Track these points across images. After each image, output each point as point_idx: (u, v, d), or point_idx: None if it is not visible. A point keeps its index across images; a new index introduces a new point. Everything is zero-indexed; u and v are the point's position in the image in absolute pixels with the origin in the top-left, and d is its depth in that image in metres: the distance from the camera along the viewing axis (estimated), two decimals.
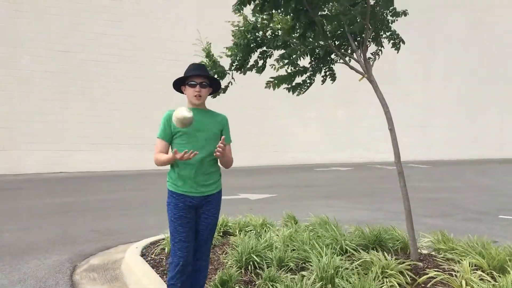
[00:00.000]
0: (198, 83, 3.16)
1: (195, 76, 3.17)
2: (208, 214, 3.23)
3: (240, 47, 4.46)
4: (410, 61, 19.69)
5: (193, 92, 3.17)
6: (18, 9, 13.95)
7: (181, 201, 3.15)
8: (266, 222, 5.62)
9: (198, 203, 3.19)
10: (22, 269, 4.80)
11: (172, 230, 3.17)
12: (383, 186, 12.07)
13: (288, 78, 4.75)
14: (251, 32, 4.43)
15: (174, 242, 3.16)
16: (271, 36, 4.51)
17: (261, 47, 4.56)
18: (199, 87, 3.16)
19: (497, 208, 8.97)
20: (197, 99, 3.18)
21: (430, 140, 21.77)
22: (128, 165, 15.08)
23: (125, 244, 5.73)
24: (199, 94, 3.17)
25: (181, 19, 16.24)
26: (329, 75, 4.89)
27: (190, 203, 3.17)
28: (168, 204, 3.21)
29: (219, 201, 3.31)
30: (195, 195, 3.16)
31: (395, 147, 4.36)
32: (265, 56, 4.69)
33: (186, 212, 3.15)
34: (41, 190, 10.84)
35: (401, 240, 4.73)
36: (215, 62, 4.48)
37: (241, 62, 4.57)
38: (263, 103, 17.26)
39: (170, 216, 3.18)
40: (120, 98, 15.31)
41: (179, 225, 3.14)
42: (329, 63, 4.81)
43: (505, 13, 23.11)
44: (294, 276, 3.74)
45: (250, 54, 4.57)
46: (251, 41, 4.44)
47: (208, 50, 4.46)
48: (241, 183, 11.67)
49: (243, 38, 4.42)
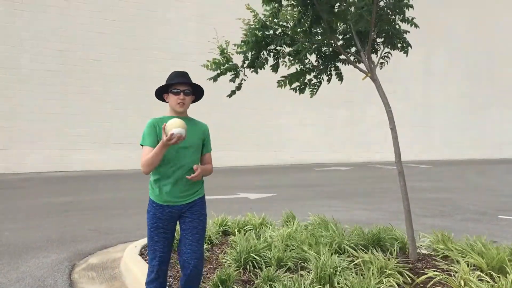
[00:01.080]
0: (182, 91, 3.15)
1: (178, 84, 3.16)
2: (192, 217, 3.20)
3: (249, 45, 4.46)
4: (410, 60, 19.66)
5: (176, 99, 3.15)
6: (17, 8, 13.95)
7: (160, 211, 3.16)
8: (266, 222, 5.62)
9: (179, 211, 3.19)
10: (20, 268, 4.80)
11: (148, 237, 3.24)
12: (383, 186, 12.07)
13: (297, 76, 4.75)
14: (261, 30, 4.43)
15: (150, 249, 3.25)
16: (280, 34, 4.51)
17: (270, 45, 4.56)
18: (182, 95, 3.15)
19: (497, 208, 8.97)
20: (181, 107, 3.16)
21: (429, 140, 21.77)
22: (127, 165, 15.08)
23: (124, 243, 5.73)
24: (183, 102, 3.15)
25: (181, 19, 16.23)
26: (336, 75, 4.90)
27: (170, 214, 3.16)
28: (148, 212, 3.23)
29: (203, 205, 3.29)
30: (176, 204, 3.16)
31: (396, 146, 4.36)
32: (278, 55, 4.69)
33: (163, 223, 3.17)
34: (40, 189, 10.84)
35: (400, 240, 4.72)
36: (228, 59, 4.49)
37: (252, 59, 4.58)
38: (262, 103, 17.26)
39: (148, 224, 3.23)
40: (119, 97, 15.31)
41: (155, 235, 3.19)
42: (335, 62, 4.81)
43: (506, 13, 23.10)
44: (292, 276, 3.74)
45: (260, 52, 4.57)
46: (260, 38, 4.44)
47: (222, 48, 4.47)
48: (240, 182, 11.66)
49: (252, 35, 4.42)
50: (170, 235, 3.24)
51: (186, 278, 3.21)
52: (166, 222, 3.18)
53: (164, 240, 3.20)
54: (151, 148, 3.06)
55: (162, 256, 3.22)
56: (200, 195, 3.28)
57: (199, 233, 3.24)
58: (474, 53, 22.48)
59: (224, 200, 9.06)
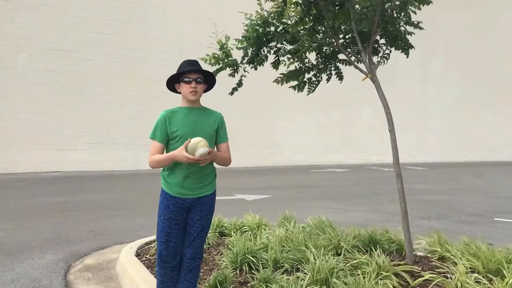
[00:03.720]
0: (194, 79, 3.10)
1: (189, 72, 3.11)
2: (201, 215, 3.20)
3: (250, 41, 4.45)
4: (407, 63, 19.70)
5: (188, 88, 3.10)
6: (14, 8, 13.89)
7: (172, 202, 3.13)
8: (262, 223, 5.61)
9: (190, 204, 3.16)
10: (16, 268, 4.77)
11: (159, 229, 3.18)
12: (379, 187, 12.09)
13: (296, 74, 4.74)
14: (262, 26, 4.42)
15: (161, 241, 3.17)
16: (282, 31, 4.50)
17: (271, 42, 4.55)
18: (194, 83, 3.10)
19: (493, 210, 9.00)
20: (193, 95, 3.11)
21: (426, 142, 21.81)
22: (123, 165, 15.04)
23: (120, 244, 5.71)
24: (195, 90, 3.10)
25: (177, 19, 16.21)
26: (336, 74, 4.89)
27: (182, 205, 3.14)
28: (160, 202, 3.19)
29: (213, 202, 3.27)
30: (188, 197, 3.13)
31: (394, 148, 4.34)
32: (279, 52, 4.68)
33: (176, 214, 3.14)
34: (36, 190, 10.79)
35: (396, 242, 4.73)
36: (228, 54, 4.48)
37: (252, 56, 4.57)
38: (259, 104, 17.25)
39: (159, 215, 3.18)
40: (115, 97, 15.26)
41: (167, 226, 3.14)
42: (335, 62, 4.80)
43: (503, 16, 23.19)
44: (289, 277, 3.73)
45: (261, 49, 4.56)
46: (261, 35, 4.43)
47: (222, 43, 4.45)
48: (237, 184, 11.65)
49: (253, 31, 4.42)
50: (183, 225, 3.19)
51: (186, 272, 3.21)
52: (179, 214, 3.15)
53: (177, 230, 3.16)
54: (160, 145, 3.10)
55: (176, 245, 3.16)
56: (212, 190, 3.25)
57: (204, 230, 3.26)
58: (470, 56, 22.54)
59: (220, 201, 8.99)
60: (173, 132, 3.09)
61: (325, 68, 4.77)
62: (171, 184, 3.12)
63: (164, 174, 3.18)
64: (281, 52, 4.64)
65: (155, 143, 3.11)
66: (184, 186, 3.11)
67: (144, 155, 15.27)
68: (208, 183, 3.21)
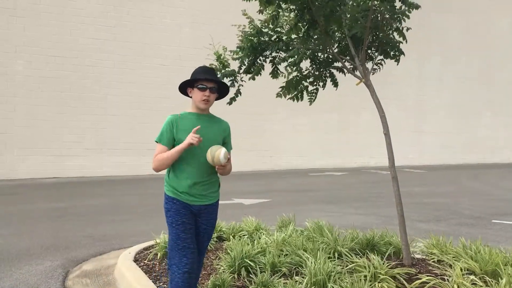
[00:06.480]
0: (209, 88, 3.08)
1: (205, 80, 3.09)
2: (207, 224, 3.20)
3: (245, 51, 4.48)
4: (403, 66, 19.79)
5: (202, 96, 3.07)
6: (12, 14, 13.92)
7: (182, 206, 3.07)
8: (260, 227, 5.62)
9: (197, 212, 3.14)
10: (13, 275, 4.77)
11: (174, 237, 3.04)
12: (377, 190, 12.10)
13: (294, 84, 4.77)
14: (256, 36, 4.45)
15: (178, 249, 3.01)
16: (276, 40, 4.53)
17: (266, 51, 4.58)
18: (208, 92, 3.08)
19: (490, 212, 9.01)
20: (205, 104, 3.10)
21: (423, 145, 21.85)
22: (121, 171, 15.03)
23: (118, 250, 5.71)
24: (208, 99, 3.08)
25: (176, 25, 16.25)
26: (331, 81, 4.92)
27: (190, 210, 3.12)
28: (168, 210, 3.09)
29: (217, 211, 3.29)
30: (195, 203, 3.11)
31: (390, 151, 4.38)
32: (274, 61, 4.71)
33: (188, 218, 3.08)
34: (34, 196, 10.78)
35: (394, 245, 4.74)
36: (225, 65, 4.50)
37: (248, 65, 4.59)
38: (257, 108, 17.28)
39: (171, 222, 3.07)
40: (114, 103, 15.27)
41: (182, 231, 3.03)
42: (329, 68, 4.83)
43: (500, 19, 23.30)
44: (287, 281, 3.74)
45: (256, 59, 4.59)
46: (255, 44, 4.46)
47: (219, 54, 4.48)
48: (235, 188, 11.65)
49: (247, 41, 4.44)
50: (194, 231, 3.12)
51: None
52: (191, 218, 3.09)
53: (192, 236, 3.06)
54: (165, 148, 3.05)
55: (194, 252, 3.04)
56: (217, 198, 3.26)
57: (209, 240, 3.30)
58: (467, 58, 22.63)
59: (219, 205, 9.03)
60: (180, 138, 3.05)
61: (319, 75, 4.80)
62: (178, 190, 3.09)
63: (170, 181, 3.14)
64: (277, 60, 4.67)
65: (160, 146, 3.08)
66: (191, 192, 3.08)
67: (142, 160, 15.35)
68: (214, 191, 3.22)
